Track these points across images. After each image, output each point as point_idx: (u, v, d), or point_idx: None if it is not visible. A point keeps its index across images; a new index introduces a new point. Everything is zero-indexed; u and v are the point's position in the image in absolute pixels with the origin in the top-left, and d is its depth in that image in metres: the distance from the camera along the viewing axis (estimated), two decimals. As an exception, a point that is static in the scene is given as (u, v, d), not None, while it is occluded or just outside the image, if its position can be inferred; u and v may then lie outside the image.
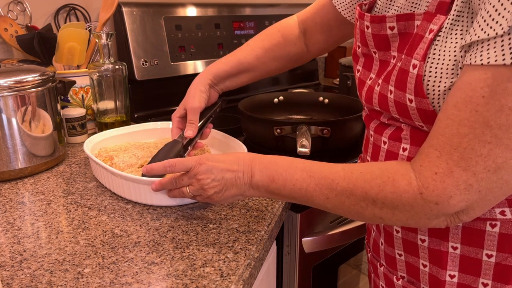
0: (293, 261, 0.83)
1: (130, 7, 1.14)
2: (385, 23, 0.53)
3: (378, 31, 0.54)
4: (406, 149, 0.54)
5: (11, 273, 0.52)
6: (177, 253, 0.57)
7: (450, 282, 0.54)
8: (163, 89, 1.23)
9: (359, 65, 0.61)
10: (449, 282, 0.55)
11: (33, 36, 0.97)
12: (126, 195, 0.71)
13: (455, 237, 0.53)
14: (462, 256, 0.53)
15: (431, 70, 0.46)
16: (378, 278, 0.67)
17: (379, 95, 0.54)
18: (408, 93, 0.49)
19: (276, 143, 0.89)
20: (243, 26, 1.38)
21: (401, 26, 0.51)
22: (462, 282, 0.54)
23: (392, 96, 0.51)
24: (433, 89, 0.47)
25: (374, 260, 0.67)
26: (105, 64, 0.97)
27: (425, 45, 0.47)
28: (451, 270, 0.54)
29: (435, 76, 0.46)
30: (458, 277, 0.54)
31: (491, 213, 0.50)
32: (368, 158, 0.63)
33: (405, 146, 0.54)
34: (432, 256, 0.56)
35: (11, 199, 0.72)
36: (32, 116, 0.80)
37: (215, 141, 0.88)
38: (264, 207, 0.69)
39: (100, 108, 1.00)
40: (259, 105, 1.09)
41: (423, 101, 0.47)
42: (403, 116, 0.52)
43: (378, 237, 0.65)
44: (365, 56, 0.59)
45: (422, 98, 0.47)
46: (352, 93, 1.17)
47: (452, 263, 0.54)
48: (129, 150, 0.82)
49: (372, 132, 0.60)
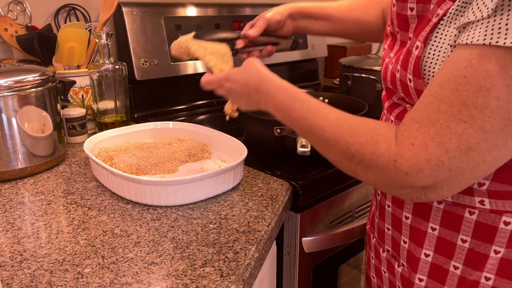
0: (293, 261, 0.83)
1: (130, 7, 1.14)
2: (407, 3, 0.53)
3: (400, 10, 0.54)
4: None
5: (11, 273, 0.52)
6: (177, 253, 0.57)
7: (425, 260, 0.58)
8: (163, 89, 1.23)
9: (386, 44, 0.62)
10: (424, 260, 0.58)
11: (33, 36, 0.97)
12: (126, 195, 0.71)
13: (435, 219, 0.55)
14: (439, 238, 0.56)
15: (430, 52, 0.48)
16: (370, 249, 0.71)
17: (391, 74, 0.56)
18: (408, 73, 0.51)
19: (276, 143, 0.89)
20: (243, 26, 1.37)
21: (419, 8, 0.51)
22: (435, 262, 0.57)
23: (398, 75, 0.53)
24: (428, 71, 0.48)
25: (370, 232, 0.72)
26: (105, 64, 0.97)
27: (429, 28, 0.48)
28: (427, 249, 0.57)
29: (432, 58, 0.47)
30: (432, 257, 0.57)
31: (471, 201, 0.52)
32: None
33: None
34: (412, 233, 0.59)
35: (11, 199, 0.72)
36: (32, 116, 0.80)
37: (215, 141, 0.88)
38: (264, 207, 0.69)
39: (100, 108, 1.00)
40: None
41: (418, 82, 0.49)
42: (406, 96, 0.53)
43: (375, 211, 0.68)
44: (391, 36, 0.60)
45: (418, 78, 0.49)
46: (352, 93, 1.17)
47: (429, 242, 0.57)
48: (129, 150, 0.82)
49: (385, 111, 0.63)
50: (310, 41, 1.58)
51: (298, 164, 0.86)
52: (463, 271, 0.54)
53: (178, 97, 1.27)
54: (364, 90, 1.14)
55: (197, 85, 1.30)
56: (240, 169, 0.77)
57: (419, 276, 0.59)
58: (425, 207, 0.57)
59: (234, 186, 0.76)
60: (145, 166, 0.76)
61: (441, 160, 0.43)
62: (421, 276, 0.59)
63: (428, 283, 0.58)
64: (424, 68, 0.48)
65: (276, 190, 0.75)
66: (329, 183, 0.84)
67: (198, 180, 0.69)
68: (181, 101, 1.28)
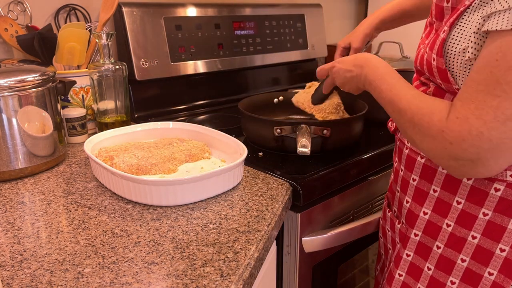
0: (293, 261, 0.83)
1: (130, 7, 1.14)
2: None
3: (439, 2, 0.61)
4: None
5: (11, 273, 0.53)
6: (177, 253, 0.57)
7: (422, 217, 0.67)
8: (163, 89, 1.24)
9: (424, 33, 0.69)
10: (421, 217, 0.67)
11: (33, 36, 0.97)
12: (126, 195, 0.71)
13: (437, 181, 0.64)
14: (438, 199, 0.64)
15: (454, 34, 0.55)
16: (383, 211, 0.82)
17: (421, 56, 0.64)
18: (433, 53, 0.58)
19: (276, 143, 0.90)
20: (243, 26, 1.38)
21: (454, 1, 0.58)
22: (431, 220, 0.65)
23: (426, 56, 0.61)
24: (451, 51, 0.55)
25: (386, 197, 0.83)
26: (105, 64, 0.97)
27: (455, 15, 0.55)
28: (426, 208, 0.66)
29: (455, 40, 0.55)
30: (430, 215, 0.66)
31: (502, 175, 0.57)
32: None
33: None
34: (416, 194, 0.68)
35: (11, 199, 0.72)
36: (32, 116, 0.80)
37: (215, 141, 0.88)
38: (264, 207, 0.69)
39: (100, 108, 1.00)
40: (259, 105, 1.09)
41: (440, 60, 0.57)
42: (430, 74, 0.61)
43: (392, 176, 0.78)
44: (429, 26, 0.67)
45: (440, 57, 0.57)
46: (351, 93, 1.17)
47: (429, 202, 0.65)
48: (129, 150, 0.82)
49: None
50: (310, 41, 1.58)
51: (298, 164, 0.86)
52: (454, 228, 0.63)
53: (178, 97, 1.27)
54: (364, 90, 1.14)
55: (197, 85, 1.31)
56: (240, 169, 0.77)
57: (415, 231, 0.68)
58: (431, 171, 0.65)
59: (234, 186, 0.76)
60: (145, 166, 0.76)
61: (480, 131, 0.49)
62: (416, 231, 0.68)
63: (422, 238, 0.67)
64: (447, 49, 0.56)
65: (276, 190, 0.75)
66: (329, 183, 0.84)
67: (198, 180, 0.69)
68: (181, 101, 1.28)
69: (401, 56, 1.17)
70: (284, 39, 1.50)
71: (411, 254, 0.69)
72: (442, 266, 0.65)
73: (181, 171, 0.78)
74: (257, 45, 1.41)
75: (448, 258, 0.64)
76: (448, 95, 0.60)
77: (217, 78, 1.35)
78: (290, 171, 0.83)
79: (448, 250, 0.64)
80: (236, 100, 1.05)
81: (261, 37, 1.43)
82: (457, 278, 0.63)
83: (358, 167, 0.89)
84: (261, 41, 1.43)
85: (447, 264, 0.64)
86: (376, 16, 1.00)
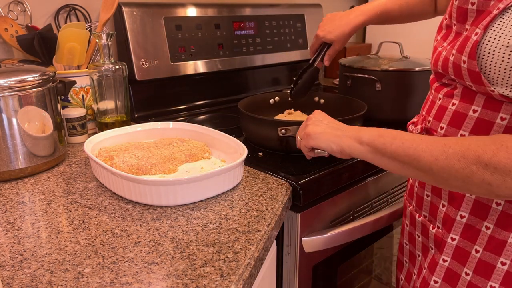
0: (293, 261, 0.84)
1: (130, 7, 1.14)
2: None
3: (462, 4, 0.61)
4: (455, 104, 0.63)
5: (11, 273, 0.53)
6: (177, 252, 0.57)
7: (459, 221, 0.64)
8: (163, 89, 1.24)
9: (439, 36, 0.68)
10: (459, 221, 0.64)
11: (33, 36, 0.97)
12: (126, 195, 0.71)
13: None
14: (475, 201, 0.62)
15: (490, 38, 0.54)
16: (405, 218, 0.78)
17: (444, 59, 0.62)
18: (463, 55, 0.57)
19: (276, 143, 0.89)
20: (243, 26, 1.38)
21: (480, 3, 0.57)
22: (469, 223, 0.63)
23: (452, 58, 0.60)
24: (486, 54, 0.54)
25: (406, 202, 0.79)
26: (105, 64, 0.97)
27: (490, 18, 0.54)
28: (463, 211, 0.63)
29: (492, 42, 0.53)
30: (467, 218, 0.63)
31: None
32: (423, 112, 0.72)
33: (454, 102, 0.63)
34: (450, 197, 0.65)
35: (12, 199, 0.72)
36: (32, 116, 0.80)
37: (215, 141, 0.88)
38: (264, 207, 0.69)
39: (100, 108, 1.00)
40: (259, 105, 1.09)
41: (472, 63, 0.56)
42: (458, 77, 0.60)
43: (414, 182, 0.76)
44: (446, 28, 0.67)
45: (472, 60, 0.55)
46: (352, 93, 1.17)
47: (466, 205, 0.63)
48: (129, 150, 0.82)
49: (433, 91, 0.70)
50: (310, 41, 1.58)
51: (298, 164, 0.86)
52: (494, 231, 0.60)
53: (178, 97, 1.27)
54: (364, 91, 1.14)
55: (197, 85, 1.31)
56: (240, 169, 0.77)
57: (452, 235, 0.65)
58: None
59: (234, 186, 0.76)
60: (145, 166, 0.76)
61: None
62: (453, 236, 0.65)
63: (460, 242, 0.64)
64: (483, 50, 0.54)
65: (276, 190, 0.75)
66: (329, 183, 0.84)
67: (198, 180, 0.69)
68: (181, 101, 1.28)
69: (401, 56, 1.17)
70: (284, 39, 1.50)
71: (448, 259, 0.66)
72: (481, 270, 0.62)
73: (181, 171, 0.78)
74: (257, 45, 1.41)
75: (487, 262, 0.61)
76: (479, 97, 0.59)
77: (217, 78, 1.35)
78: (290, 171, 0.83)
79: (487, 254, 0.61)
80: (236, 100, 1.05)
81: (261, 37, 1.43)
82: (497, 283, 0.60)
83: (358, 167, 0.89)
84: (261, 41, 1.43)
85: (486, 269, 0.61)
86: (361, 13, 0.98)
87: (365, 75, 1.12)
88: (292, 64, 1.56)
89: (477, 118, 0.60)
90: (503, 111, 0.57)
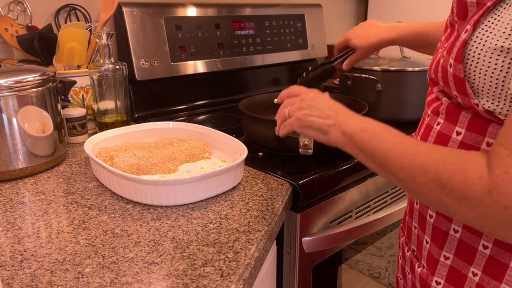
0: (293, 261, 0.84)
1: (130, 7, 1.14)
2: None
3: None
4: (440, 123, 0.55)
5: (11, 273, 0.53)
6: (177, 252, 0.57)
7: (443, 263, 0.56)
8: (163, 89, 1.24)
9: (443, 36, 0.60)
10: (443, 262, 0.56)
11: (33, 36, 0.97)
12: (126, 195, 0.71)
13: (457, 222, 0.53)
14: (460, 241, 0.54)
15: (478, 36, 0.45)
16: (399, 249, 0.70)
17: (436, 62, 0.54)
18: (451, 58, 0.48)
19: (276, 143, 0.90)
20: (243, 26, 1.38)
21: None
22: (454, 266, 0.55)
23: (442, 61, 0.51)
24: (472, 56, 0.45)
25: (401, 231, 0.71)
26: (105, 64, 0.97)
27: (481, 12, 0.45)
28: (446, 252, 0.55)
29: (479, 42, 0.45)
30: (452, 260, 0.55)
31: None
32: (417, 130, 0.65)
33: (439, 121, 0.55)
34: (434, 233, 0.57)
35: (12, 199, 0.72)
36: (32, 116, 0.80)
37: (215, 141, 0.88)
38: (264, 207, 0.69)
39: (100, 108, 1.00)
40: (259, 105, 1.09)
41: (458, 67, 0.47)
42: (445, 84, 0.52)
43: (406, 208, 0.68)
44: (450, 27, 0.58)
45: (458, 63, 0.47)
46: (352, 93, 1.17)
47: (450, 245, 0.55)
48: (130, 150, 0.82)
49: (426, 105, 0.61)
50: (310, 41, 1.58)
51: (298, 164, 0.86)
52: (482, 279, 0.51)
53: (178, 97, 1.27)
54: (364, 91, 1.14)
55: (197, 85, 1.31)
56: (240, 169, 0.77)
57: (436, 278, 0.57)
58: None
59: (234, 186, 0.76)
60: (145, 166, 0.76)
61: None
62: (438, 279, 0.56)
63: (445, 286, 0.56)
64: (469, 52, 0.46)
65: (276, 190, 0.75)
66: (329, 183, 0.84)
67: (198, 180, 0.69)
68: (181, 101, 1.28)
69: (402, 56, 1.17)
70: (284, 39, 1.50)
71: None
72: None
73: (181, 171, 0.78)
74: (257, 45, 1.41)
75: None
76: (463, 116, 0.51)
77: (217, 78, 1.35)
78: (290, 171, 0.83)
79: None
80: (236, 100, 1.05)
81: (261, 37, 1.43)
82: None
83: (358, 167, 0.89)
84: (261, 41, 1.43)
85: None
86: (395, 29, 0.89)
87: (365, 75, 1.12)
88: (292, 64, 1.56)
89: (461, 142, 0.51)
90: (489, 135, 0.48)
